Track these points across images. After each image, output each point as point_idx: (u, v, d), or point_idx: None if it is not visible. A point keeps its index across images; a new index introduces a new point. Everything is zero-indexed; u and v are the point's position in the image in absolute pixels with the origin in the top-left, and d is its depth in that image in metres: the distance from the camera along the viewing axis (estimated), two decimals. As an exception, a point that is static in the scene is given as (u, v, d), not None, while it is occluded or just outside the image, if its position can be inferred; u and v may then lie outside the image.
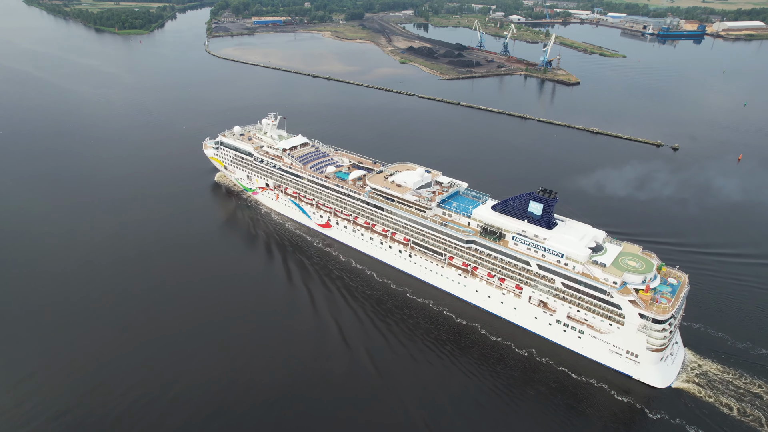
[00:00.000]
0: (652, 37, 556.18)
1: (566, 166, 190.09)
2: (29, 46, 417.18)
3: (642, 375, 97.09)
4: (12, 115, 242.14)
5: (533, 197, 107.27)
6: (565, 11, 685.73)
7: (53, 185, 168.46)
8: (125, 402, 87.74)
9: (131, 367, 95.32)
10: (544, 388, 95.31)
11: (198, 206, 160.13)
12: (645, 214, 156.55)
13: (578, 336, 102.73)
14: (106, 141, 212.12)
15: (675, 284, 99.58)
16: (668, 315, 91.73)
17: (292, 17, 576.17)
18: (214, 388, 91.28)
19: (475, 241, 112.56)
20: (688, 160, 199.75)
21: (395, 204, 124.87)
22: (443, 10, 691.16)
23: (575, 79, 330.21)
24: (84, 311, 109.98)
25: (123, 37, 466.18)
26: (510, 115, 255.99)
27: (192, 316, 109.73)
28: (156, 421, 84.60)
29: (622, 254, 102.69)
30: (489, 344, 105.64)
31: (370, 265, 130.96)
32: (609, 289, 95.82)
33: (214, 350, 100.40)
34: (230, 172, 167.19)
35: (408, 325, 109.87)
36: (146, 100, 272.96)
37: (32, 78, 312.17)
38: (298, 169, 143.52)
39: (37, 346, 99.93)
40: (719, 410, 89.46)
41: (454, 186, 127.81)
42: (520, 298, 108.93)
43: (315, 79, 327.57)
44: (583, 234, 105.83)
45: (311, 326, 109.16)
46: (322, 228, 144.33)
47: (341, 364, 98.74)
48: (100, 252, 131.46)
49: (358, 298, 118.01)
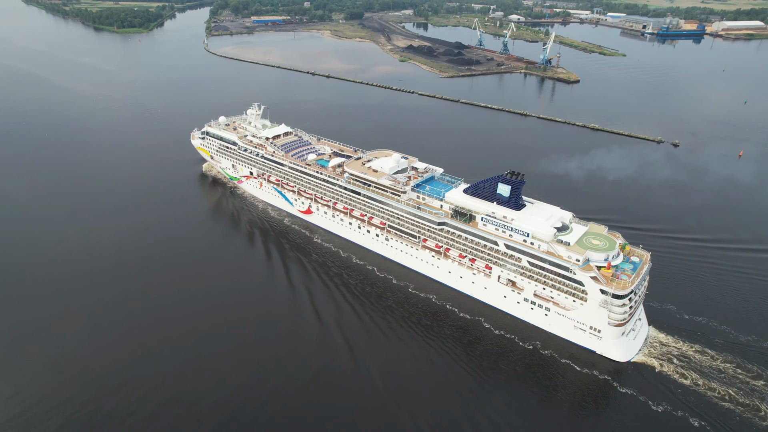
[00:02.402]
0: (651, 36, 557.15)
1: (558, 159, 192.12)
2: (28, 45, 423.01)
3: (604, 350, 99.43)
4: (10, 110, 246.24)
5: (501, 179, 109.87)
6: (564, 11, 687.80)
7: (47, 177, 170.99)
8: (109, 402, 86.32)
9: (108, 360, 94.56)
10: (514, 365, 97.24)
11: (183, 195, 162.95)
12: (628, 202, 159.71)
13: (545, 313, 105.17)
14: (99, 135, 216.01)
15: (637, 262, 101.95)
16: (628, 290, 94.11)
17: (291, 17, 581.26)
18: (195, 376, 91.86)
19: (446, 222, 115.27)
20: (687, 156, 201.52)
21: (371, 189, 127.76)
22: (443, 10, 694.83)
23: (575, 77, 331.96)
24: (69, 301, 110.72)
25: (122, 36, 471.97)
26: (510, 112, 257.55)
27: (171, 302, 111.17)
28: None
29: (588, 234, 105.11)
30: (461, 323, 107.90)
31: (349, 248, 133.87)
32: (572, 266, 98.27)
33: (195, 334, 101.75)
34: (216, 161, 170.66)
35: (383, 306, 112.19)
36: (142, 97, 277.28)
37: (30, 76, 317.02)
38: (280, 157, 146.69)
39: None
40: (680, 383, 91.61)
41: (429, 171, 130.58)
42: (489, 277, 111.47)
43: (314, 77, 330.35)
44: (549, 215, 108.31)
45: (287, 298, 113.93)
46: (304, 214, 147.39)
47: (312, 333, 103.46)
48: (76, 242, 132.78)
49: (333, 278, 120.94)
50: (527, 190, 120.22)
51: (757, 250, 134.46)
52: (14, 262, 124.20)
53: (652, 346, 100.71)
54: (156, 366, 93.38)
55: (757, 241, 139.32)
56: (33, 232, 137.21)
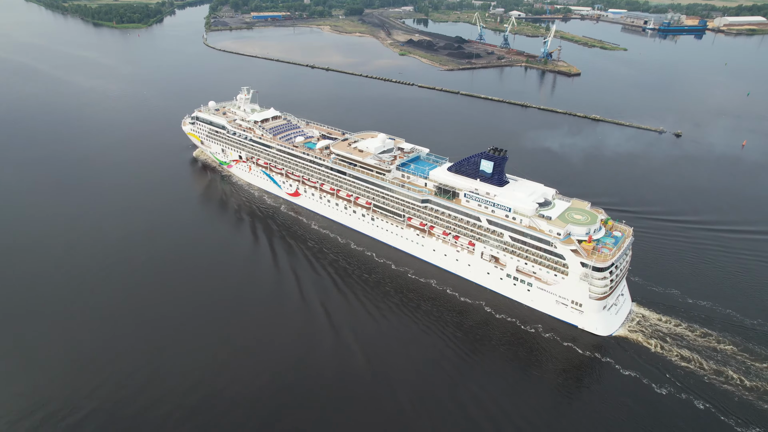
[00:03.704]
0: (653, 32, 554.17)
1: (553, 143, 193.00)
2: (27, 40, 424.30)
3: (586, 324, 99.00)
4: (7, 102, 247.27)
5: (485, 156, 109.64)
6: (565, 7, 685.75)
7: (44, 167, 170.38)
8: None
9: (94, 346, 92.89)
10: (497, 342, 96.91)
11: (173, 181, 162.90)
12: (623, 187, 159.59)
13: (527, 289, 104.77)
14: (94, 124, 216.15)
15: (619, 236, 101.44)
16: (608, 263, 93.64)
17: (291, 12, 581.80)
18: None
19: (430, 200, 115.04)
20: (689, 145, 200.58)
21: (357, 168, 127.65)
22: (443, 6, 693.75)
23: (576, 70, 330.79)
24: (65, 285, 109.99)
25: (121, 31, 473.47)
26: (510, 103, 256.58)
27: (158, 286, 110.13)
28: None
29: (570, 209, 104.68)
30: (445, 301, 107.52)
31: (335, 229, 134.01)
32: (552, 240, 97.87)
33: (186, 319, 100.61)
34: (206, 146, 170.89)
35: (368, 283, 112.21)
36: (138, 88, 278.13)
37: (28, 69, 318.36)
38: (268, 140, 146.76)
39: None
40: (662, 357, 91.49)
41: (415, 151, 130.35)
42: (473, 254, 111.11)
43: (313, 70, 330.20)
44: (532, 191, 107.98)
45: (272, 281, 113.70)
46: (292, 197, 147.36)
47: (295, 309, 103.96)
48: (62, 226, 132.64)
49: (320, 258, 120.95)
50: (517, 169, 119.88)
51: (746, 231, 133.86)
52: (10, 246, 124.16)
53: (635, 322, 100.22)
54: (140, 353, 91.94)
55: (745, 222, 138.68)
56: (26, 217, 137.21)
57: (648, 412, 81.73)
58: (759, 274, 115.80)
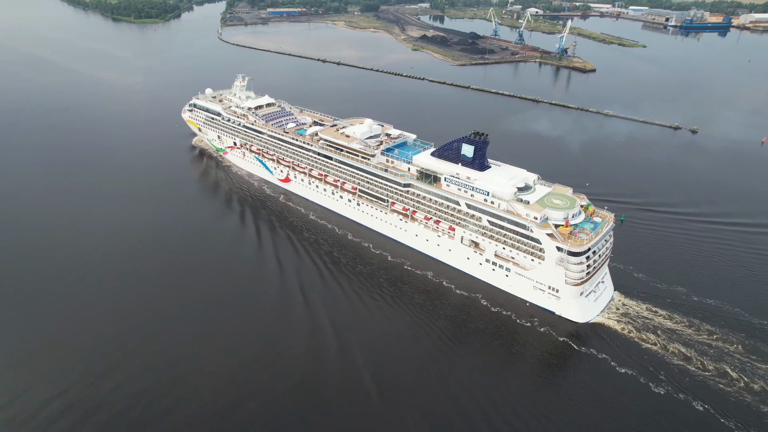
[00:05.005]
0: (674, 29, 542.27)
1: (554, 134, 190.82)
2: (48, 33, 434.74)
3: (563, 310, 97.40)
4: (22, 93, 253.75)
5: (465, 140, 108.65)
6: (584, 4, 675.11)
7: (57, 152, 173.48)
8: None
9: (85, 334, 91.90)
10: (478, 328, 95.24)
11: (171, 168, 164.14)
12: (628, 180, 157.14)
13: (505, 274, 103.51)
14: (104, 113, 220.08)
15: (599, 222, 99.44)
16: (584, 248, 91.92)
17: (307, 8, 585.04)
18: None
19: (411, 184, 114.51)
20: (705, 141, 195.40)
21: (343, 153, 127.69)
22: (459, 3, 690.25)
23: (591, 66, 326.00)
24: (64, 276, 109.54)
25: (138, 25, 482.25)
26: (521, 98, 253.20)
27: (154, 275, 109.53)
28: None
29: (550, 194, 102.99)
30: (427, 286, 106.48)
31: (323, 215, 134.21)
32: (529, 224, 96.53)
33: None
34: (204, 133, 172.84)
35: (350, 268, 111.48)
36: (148, 79, 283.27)
37: (47, 61, 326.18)
38: (260, 126, 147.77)
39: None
40: (641, 346, 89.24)
41: (402, 137, 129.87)
42: (453, 239, 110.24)
43: (324, 64, 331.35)
44: (513, 176, 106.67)
45: (255, 266, 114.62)
46: (283, 183, 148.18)
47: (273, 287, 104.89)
48: (63, 208, 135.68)
49: (306, 242, 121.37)
50: (516, 160, 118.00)
51: (748, 225, 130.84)
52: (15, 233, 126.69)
53: (616, 310, 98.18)
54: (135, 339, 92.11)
55: (746, 215, 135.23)
56: (33, 202, 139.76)
57: (611, 392, 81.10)
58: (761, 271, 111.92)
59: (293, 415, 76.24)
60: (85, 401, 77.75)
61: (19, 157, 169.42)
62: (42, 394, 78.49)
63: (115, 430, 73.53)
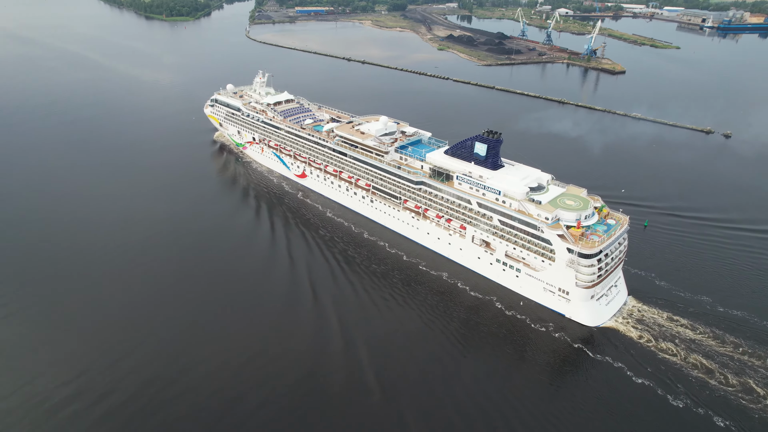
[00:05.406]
0: (711, 30, 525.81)
1: (577, 136, 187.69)
2: (84, 31, 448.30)
3: (573, 313, 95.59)
4: (56, 88, 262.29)
5: (478, 138, 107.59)
6: (617, 5, 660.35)
7: (80, 148, 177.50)
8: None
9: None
10: (490, 331, 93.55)
11: (191, 161, 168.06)
12: (653, 184, 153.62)
13: (516, 275, 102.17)
14: (132, 108, 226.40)
15: (613, 224, 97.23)
16: (596, 250, 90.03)
17: (335, 7, 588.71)
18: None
19: (424, 182, 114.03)
20: (739, 147, 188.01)
21: (358, 150, 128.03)
22: (488, 3, 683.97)
23: (620, 68, 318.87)
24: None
25: (170, 23, 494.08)
26: (546, 99, 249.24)
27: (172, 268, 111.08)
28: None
29: (563, 195, 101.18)
30: (439, 287, 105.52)
31: (340, 212, 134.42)
32: (540, 225, 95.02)
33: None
34: (224, 128, 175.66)
35: (364, 267, 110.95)
36: (175, 76, 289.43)
37: (81, 57, 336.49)
38: (278, 122, 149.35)
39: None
40: (653, 352, 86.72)
41: (417, 135, 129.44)
42: (464, 238, 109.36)
43: (349, 63, 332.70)
44: (526, 175, 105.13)
45: (267, 256, 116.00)
46: (299, 178, 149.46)
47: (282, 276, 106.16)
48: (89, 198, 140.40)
49: (321, 240, 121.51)
50: (534, 161, 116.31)
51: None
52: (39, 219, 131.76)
53: (630, 315, 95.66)
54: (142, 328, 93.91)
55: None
56: (62, 191, 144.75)
57: (625, 403, 78.36)
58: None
59: (293, 410, 76.53)
60: (96, 387, 79.72)
61: (45, 148, 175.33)
62: (55, 380, 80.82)
63: (122, 416, 75.36)
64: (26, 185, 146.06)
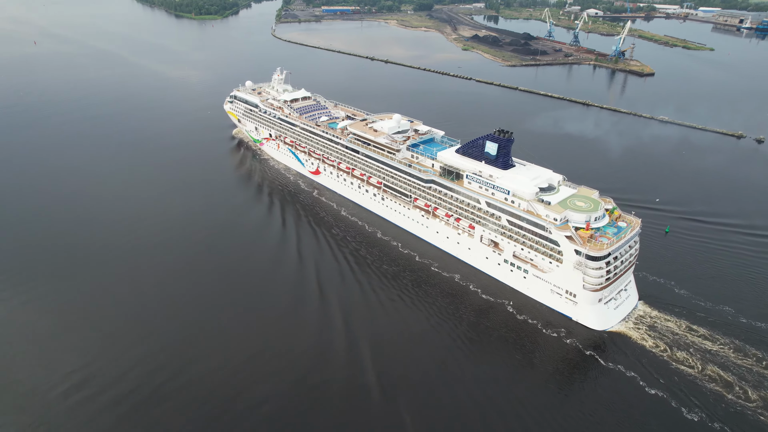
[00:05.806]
0: (749, 31, 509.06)
1: (595, 139, 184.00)
2: (116, 29, 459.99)
3: (580, 316, 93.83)
4: (86, 83, 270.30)
5: (489, 137, 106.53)
6: (649, 5, 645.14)
7: (105, 142, 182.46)
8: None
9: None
10: (500, 335, 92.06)
11: (209, 156, 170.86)
12: (671, 185, 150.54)
13: (523, 276, 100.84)
14: (155, 103, 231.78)
15: (623, 227, 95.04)
16: (604, 252, 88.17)
17: (360, 7, 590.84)
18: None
19: (434, 180, 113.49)
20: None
21: (370, 147, 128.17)
22: (515, 3, 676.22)
23: (649, 70, 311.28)
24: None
25: (198, 21, 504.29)
26: (570, 101, 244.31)
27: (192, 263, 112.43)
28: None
29: (574, 196, 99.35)
30: (447, 286, 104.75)
31: (354, 211, 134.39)
32: (548, 225, 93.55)
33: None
34: (243, 125, 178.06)
35: (375, 267, 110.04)
36: (200, 72, 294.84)
37: (110, 54, 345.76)
38: (294, 118, 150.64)
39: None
40: (670, 364, 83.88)
41: (430, 133, 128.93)
42: (473, 237, 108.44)
43: (372, 62, 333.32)
44: (536, 175, 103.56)
45: (275, 253, 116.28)
46: (313, 175, 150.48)
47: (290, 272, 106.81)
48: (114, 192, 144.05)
49: (333, 239, 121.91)
50: (552, 164, 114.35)
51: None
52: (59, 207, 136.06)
53: (642, 321, 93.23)
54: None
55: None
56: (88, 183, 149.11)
57: (636, 415, 76.17)
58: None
59: (292, 407, 76.72)
60: (104, 376, 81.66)
61: (72, 142, 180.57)
62: (63, 368, 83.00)
63: (126, 405, 76.93)
64: (48, 180, 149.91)
